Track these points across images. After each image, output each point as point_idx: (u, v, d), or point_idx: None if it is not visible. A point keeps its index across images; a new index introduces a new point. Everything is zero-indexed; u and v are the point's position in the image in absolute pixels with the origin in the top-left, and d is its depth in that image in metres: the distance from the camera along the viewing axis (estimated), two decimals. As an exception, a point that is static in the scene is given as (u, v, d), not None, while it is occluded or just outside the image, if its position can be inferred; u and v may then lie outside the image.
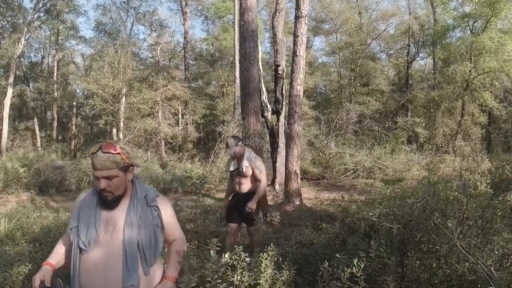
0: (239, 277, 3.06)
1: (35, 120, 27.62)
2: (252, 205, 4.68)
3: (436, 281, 3.27)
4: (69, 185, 12.26)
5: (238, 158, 4.79)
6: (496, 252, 3.32)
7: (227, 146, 4.73)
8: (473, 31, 22.49)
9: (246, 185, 4.81)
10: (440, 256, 3.53)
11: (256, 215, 4.91)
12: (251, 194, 4.78)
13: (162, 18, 35.34)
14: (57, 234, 5.36)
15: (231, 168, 4.88)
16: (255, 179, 4.81)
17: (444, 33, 23.81)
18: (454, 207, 4.25)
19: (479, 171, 9.86)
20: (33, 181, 12.30)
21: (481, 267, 2.79)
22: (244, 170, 4.72)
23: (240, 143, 4.77)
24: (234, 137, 4.86)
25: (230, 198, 5.09)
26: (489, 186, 7.22)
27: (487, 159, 13.15)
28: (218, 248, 2.99)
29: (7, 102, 21.53)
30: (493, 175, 8.84)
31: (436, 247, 3.61)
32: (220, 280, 2.83)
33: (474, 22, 22.53)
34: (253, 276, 3.14)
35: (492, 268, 2.76)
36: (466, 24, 22.87)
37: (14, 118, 29.19)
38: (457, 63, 21.78)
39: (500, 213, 4.35)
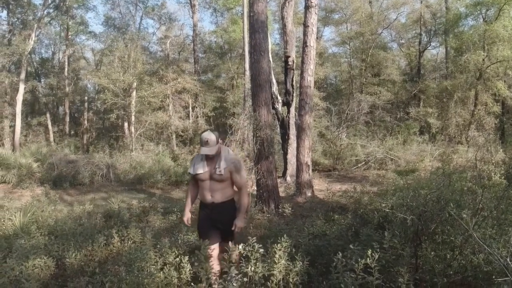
0: (253, 268, 3.08)
1: (48, 115, 27.93)
2: (240, 223, 3.63)
3: (451, 272, 3.25)
4: (82, 178, 12.43)
5: (211, 157, 3.61)
6: (512, 242, 3.28)
7: (207, 143, 3.47)
8: (486, 19, 22.06)
9: (220, 193, 3.64)
10: (455, 247, 3.51)
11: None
12: (227, 204, 3.69)
13: (171, 11, 35.40)
14: (72, 227, 5.45)
15: (200, 171, 3.61)
16: (231, 185, 3.71)
17: (457, 21, 23.40)
18: (468, 198, 4.20)
19: (493, 161, 9.74)
20: (46, 176, 12.49)
21: (497, 258, 2.75)
22: (222, 173, 3.55)
23: (220, 138, 3.62)
24: (212, 130, 3.60)
25: (200, 209, 3.90)
26: (503, 177, 7.13)
27: (501, 150, 12.97)
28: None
29: (20, 98, 21.78)
30: (507, 166, 8.73)
31: (451, 238, 3.58)
32: (236, 271, 2.86)
33: (487, 10, 22.09)
34: (266, 267, 3.16)
35: (508, 259, 2.73)
36: (478, 12, 22.43)
37: (27, 114, 29.53)
38: (470, 52, 21.39)
39: (515, 204, 4.29)
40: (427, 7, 27.66)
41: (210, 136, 3.50)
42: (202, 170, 3.61)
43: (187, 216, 3.94)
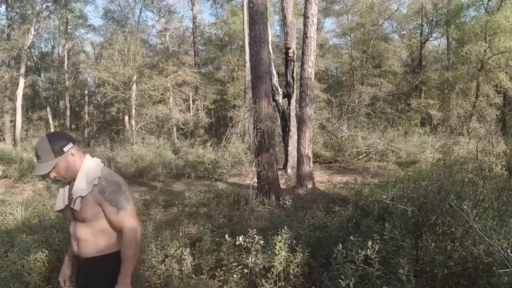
0: (253, 260, 3.09)
1: (48, 109, 27.93)
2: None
3: (451, 264, 3.25)
4: (83, 172, 12.41)
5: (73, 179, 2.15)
6: (513, 234, 3.28)
7: (38, 158, 2.07)
8: (488, 10, 21.90)
9: (89, 242, 2.11)
10: (455, 238, 3.51)
11: None
12: (102, 261, 2.12)
13: (170, 3, 35.17)
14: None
15: (59, 205, 2.20)
16: (112, 226, 2.11)
17: (458, 12, 23.23)
18: (469, 189, 4.20)
19: (495, 153, 9.72)
20: (48, 170, 12.48)
21: (498, 249, 2.75)
22: (78, 207, 2.07)
23: (68, 147, 2.08)
24: (52, 136, 2.14)
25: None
26: (504, 168, 7.13)
27: (502, 141, 12.95)
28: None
29: (20, 92, 21.74)
30: (508, 157, 8.71)
31: (452, 229, 3.59)
32: (236, 263, 2.86)
33: (489, 1, 21.97)
34: (267, 258, 3.17)
35: (508, 251, 2.73)
36: (480, 2, 22.29)
37: (27, 108, 29.54)
38: (471, 43, 21.29)
39: (516, 195, 4.28)
40: (428, -2, 27.46)
41: (43, 145, 2.06)
42: (62, 204, 2.19)
43: (64, 273, 2.32)
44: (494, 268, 2.96)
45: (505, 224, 3.54)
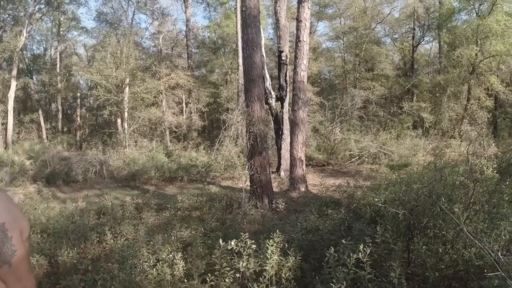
0: (245, 264, 3.07)
1: (40, 112, 27.66)
2: None
3: (443, 266, 3.26)
4: (75, 175, 12.34)
5: None
6: (503, 237, 3.30)
7: None
8: (479, 14, 22.11)
9: None
10: (446, 241, 3.52)
11: None
12: None
13: (164, 6, 35.24)
14: (64, 224, 5.41)
15: None
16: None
17: (450, 16, 23.44)
18: (460, 192, 4.22)
19: (486, 155, 9.80)
20: (39, 173, 12.39)
21: (488, 252, 2.77)
22: None
23: None
24: None
25: None
26: (495, 171, 7.17)
27: (493, 144, 13.07)
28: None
29: (11, 95, 21.54)
30: (499, 160, 8.78)
31: (443, 232, 3.60)
32: (228, 268, 2.85)
33: (480, 5, 22.14)
34: (259, 262, 3.16)
35: (499, 253, 2.74)
36: (472, 6, 22.49)
37: (19, 111, 29.22)
38: (463, 46, 21.46)
39: (507, 198, 4.32)
40: (420, 2, 27.67)
41: None
42: None
43: None
44: (485, 271, 2.97)
45: (496, 227, 3.56)
